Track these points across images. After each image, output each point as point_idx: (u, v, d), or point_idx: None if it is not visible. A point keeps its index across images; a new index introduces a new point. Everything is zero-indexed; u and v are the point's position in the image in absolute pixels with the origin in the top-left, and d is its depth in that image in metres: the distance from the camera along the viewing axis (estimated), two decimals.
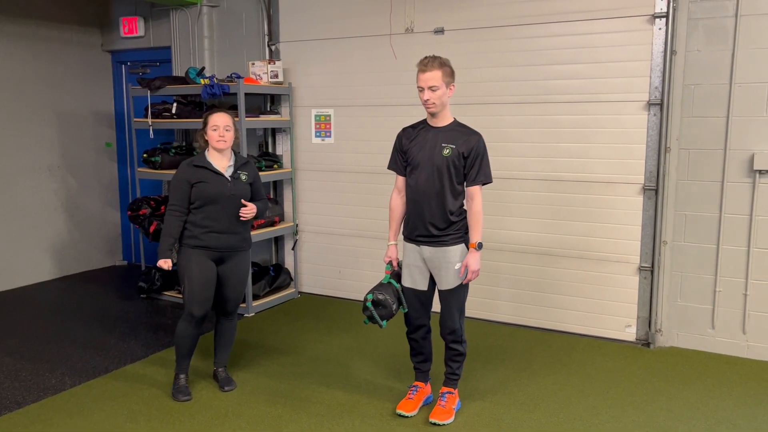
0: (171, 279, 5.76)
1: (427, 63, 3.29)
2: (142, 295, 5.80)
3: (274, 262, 5.95)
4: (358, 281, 5.61)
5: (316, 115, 5.62)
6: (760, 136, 4.12)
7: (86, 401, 3.75)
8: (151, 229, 5.45)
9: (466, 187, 3.41)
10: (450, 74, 3.33)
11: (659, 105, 4.32)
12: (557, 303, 4.81)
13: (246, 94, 5.16)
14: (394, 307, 3.49)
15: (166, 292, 5.75)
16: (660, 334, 4.50)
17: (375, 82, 5.30)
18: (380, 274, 5.46)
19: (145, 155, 5.65)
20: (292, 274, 5.85)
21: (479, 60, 4.84)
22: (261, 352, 4.47)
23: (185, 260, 3.69)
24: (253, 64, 5.45)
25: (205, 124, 3.72)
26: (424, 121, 3.49)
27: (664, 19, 4.26)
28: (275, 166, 5.59)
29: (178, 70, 6.23)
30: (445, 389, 3.58)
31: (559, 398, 3.75)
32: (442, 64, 3.30)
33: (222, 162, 3.73)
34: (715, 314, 4.39)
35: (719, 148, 4.25)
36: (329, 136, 5.59)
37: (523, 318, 4.92)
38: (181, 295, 5.55)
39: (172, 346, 4.53)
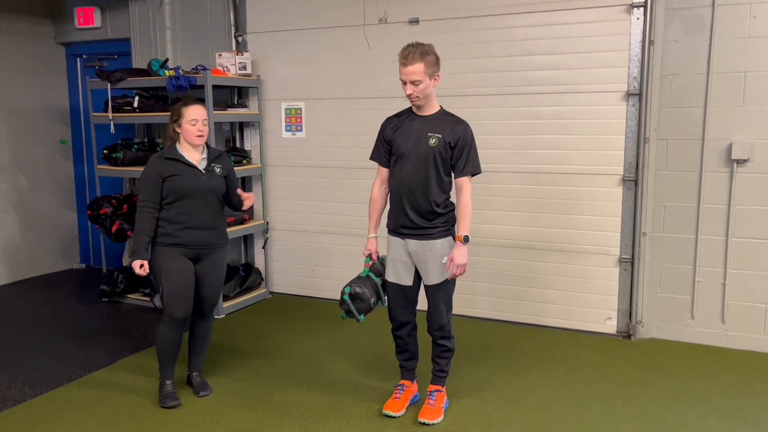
0: (135, 281, 5.48)
1: (408, 55, 3.11)
2: (103, 299, 5.52)
3: (243, 262, 5.74)
4: (332, 279, 5.44)
5: (286, 109, 5.44)
6: (738, 126, 4.13)
7: (50, 412, 3.50)
8: (114, 228, 5.18)
9: (455, 178, 3.29)
10: (434, 63, 3.16)
11: (638, 95, 4.30)
12: (537, 297, 4.74)
13: (213, 87, 4.94)
14: (373, 300, 3.37)
15: (129, 295, 5.48)
16: (641, 325, 4.48)
17: (348, 75, 5.15)
18: (356, 272, 5.34)
19: (105, 151, 5.37)
20: (263, 273, 5.65)
21: (455, 51, 4.74)
22: (235, 355, 4.27)
23: (161, 260, 3.47)
24: (220, 55, 5.23)
25: (179, 116, 3.49)
26: (409, 110, 3.34)
27: (641, 9, 4.23)
28: (244, 161, 5.39)
29: (138, 63, 5.95)
30: (433, 387, 3.47)
31: (547, 393, 3.67)
32: (424, 54, 3.12)
33: (195, 155, 3.54)
34: (695, 304, 4.39)
35: (697, 138, 4.25)
36: (300, 130, 5.41)
37: (503, 313, 4.84)
38: (147, 298, 5.33)
39: (140, 350, 4.36)
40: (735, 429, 3.25)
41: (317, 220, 5.45)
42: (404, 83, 3.17)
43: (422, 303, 3.43)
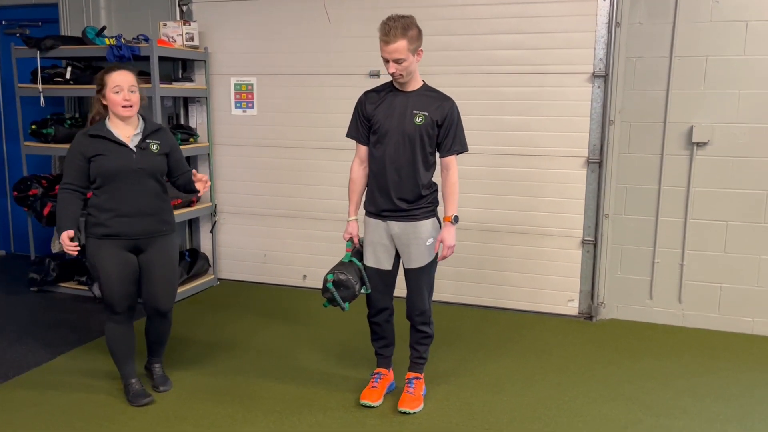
0: (69, 269, 5.05)
1: (389, 31, 2.89)
2: (32, 288, 5.05)
3: (189, 247, 5.40)
4: (286, 265, 5.23)
5: (236, 84, 5.12)
6: (699, 109, 4.20)
7: None
8: (45, 211, 4.73)
9: (441, 157, 3.13)
10: (416, 38, 2.96)
11: (603, 77, 4.30)
12: (500, 280, 4.70)
13: (159, 59, 4.57)
14: (357, 287, 3.16)
15: (63, 284, 5.04)
16: (602, 307, 4.52)
17: (304, 49, 4.89)
18: (310, 257, 5.14)
19: (33, 127, 4.89)
20: (210, 259, 5.33)
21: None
22: (190, 346, 3.99)
23: (95, 255, 3.08)
24: (165, 24, 4.85)
25: (103, 85, 3.04)
26: (390, 85, 3.14)
27: None
28: (191, 139, 5.04)
29: (66, 30, 5.45)
30: (411, 375, 3.34)
31: (522, 377, 3.62)
32: (406, 29, 2.91)
33: (126, 130, 3.09)
34: (653, 285, 4.47)
35: (659, 120, 4.30)
36: (251, 107, 5.12)
37: (467, 297, 4.77)
38: (83, 287, 4.91)
39: (82, 344, 4.01)
40: (709, 407, 3.30)
41: (269, 202, 5.19)
42: (386, 61, 2.97)
43: (399, 290, 3.28)
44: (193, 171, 3.30)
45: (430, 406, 3.27)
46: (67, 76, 4.80)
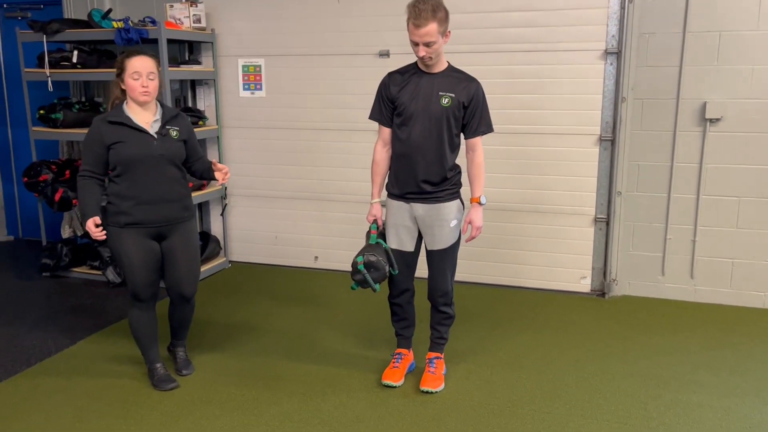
0: (81, 253, 5.06)
1: (420, 14, 2.84)
2: (44, 274, 5.06)
3: (200, 230, 5.40)
4: (297, 246, 5.24)
5: (243, 66, 5.08)
6: (712, 85, 4.20)
7: (18, 401, 3.16)
8: (57, 197, 4.73)
9: (466, 138, 3.13)
10: (444, 20, 2.91)
11: (616, 54, 4.28)
12: (513, 258, 4.72)
13: (167, 41, 4.53)
14: (387, 268, 3.17)
15: (75, 269, 5.05)
16: (615, 283, 4.55)
17: (312, 29, 4.85)
18: (321, 238, 5.15)
19: (41, 112, 4.85)
20: (221, 242, 5.34)
21: None
22: (209, 329, 4.01)
23: (117, 243, 3.05)
24: (172, 6, 4.80)
25: (122, 70, 3.00)
26: (414, 66, 3.11)
27: None
28: (200, 122, 5.01)
29: (70, 13, 5.40)
30: (432, 354, 3.37)
31: (540, 354, 3.66)
32: (436, 10, 2.86)
33: (145, 116, 3.07)
34: (665, 261, 4.50)
35: (672, 97, 4.29)
36: (260, 89, 5.09)
37: (480, 276, 4.80)
38: (97, 271, 4.93)
39: (101, 329, 4.04)
40: (725, 381, 3.35)
41: (279, 184, 5.18)
42: (416, 44, 2.93)
43: (419, 270, 3.30)
44: (213, 161, 3.29)
45: (451, 385, 3.31)
46: (74, 59, 4.75)
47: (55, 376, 3.42)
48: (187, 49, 5.15)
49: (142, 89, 3.00)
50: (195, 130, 4.75)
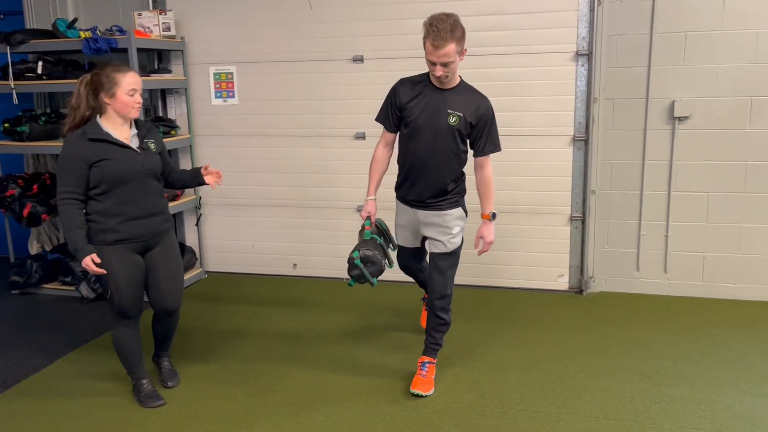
0: (51, 269, 4.92)
1: (439, 33, 2.84)
2: (14, 291, 4.91)
3: None
4: (275, 254, 5.20)
5: (215, 73, 5.02)
6: (680, 84, 4.31)
7: None
8: (25, 212, 4.60)
9: (474, 156, 3.20)
10: (462, 38, 2.93)
11: (587, 56, 4.36)
12: (491, 259, 4.73)
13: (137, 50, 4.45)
14: (384, 262, 3.21)
15: (46, 285, 4.92)
16: (592, 280, 4.64)
17: (285, 35, 4.82)
18: (299, 245, 5.12)
19: (6, 125, 4.70)
20: (197, 253, 5.27)
21: (403, 11, 4.56)
22: (192, 341, 3.95)
23: (103, 261, 2.96)
24: (140, 14, 4.71)
25: (114, 84, 2.92)
26: (427, 77, 3.12)
27: None
28: (172, 132, 4.93)
29: (31, 23, 5.25)
30: (425, 358, 3.38)
31: (525, 354, 3.71)
32: (454, 30, 2.87)
33: (124, 131, 3.00)
34: (640, 257, 4.60)
35: (641, 97, 4.39)
36: (232, 97, 5.03)
37: (459, 277, 4.76)
38: (69, 287, 4.81)
39: (79, 346, 3.94)
40: (705, 372, 3.44)
41: (255, 192, 5.14)
42: (432, 63, 2.95)
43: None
44: (206, 165, 3.27)
45: (440, 388, 3.33)
46: (39, 70, 4.63)
47: (34, 397, 3.32)
48: (156, 58, 5.07)
49: (136, 105, 2.97)
50: (166, 140, 4.74)
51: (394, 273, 3.53)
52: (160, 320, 3.29)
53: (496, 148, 3.19)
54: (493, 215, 3.24)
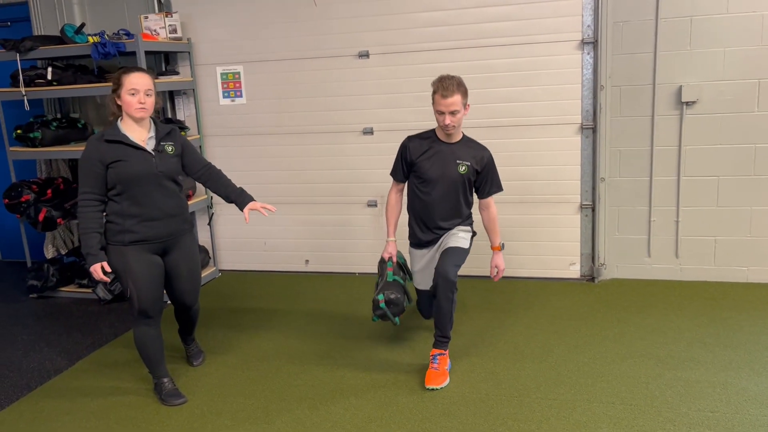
0: (68, 272, 4.99)
1: (448, 87, 3.24)
2: (32, 295, 4.98)
3: None
4: (287, 251, 5.25)
5: (222, 74, 5.05)
6: (686, 69, 4.31)
7: (22, 428, 3.11)
8: (40, 217, 4.66)
9: (480, 198, 3.55)
10: (466, 94, 3.32)
11: (592, 43, 4.37)
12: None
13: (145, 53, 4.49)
14: (405, 302, 3.56)
15: (63, 289, 4.98)
16: (603, 267, 4.65)
17: (290, 33, 4.85)
18: (310, 241, 5.16)
19: (19, 131, 4.77)
20: (210, 251, 5.32)
21: (407, 5, 4.58)
22: (210, 339, 4.00)
23: (121, 262, 3.04)
24: (147, 17, 4.75)
25: (119, 86, 3.01)
26: (433, 134, 3.48)
27: None
28: (183, 133, 4.96)
29: (39, 29, 5.30)
30: (435, 351, 3.41)
31: (539, 342, 3.74)
32: (460, 85, 3.29)
33: (141, 133, 3.08)
34: (651, 243, 4.61)
35: (648, 83, 4.39)
36: (240, 96, 5.07)
37: (471, 269, 4.80)
38: (86, 290, 4.87)
39: (99, 347, 4.00)
40: (719, 356, 3.46)
41: (266, 190, 5.16)
42: (441, 113, 3.28)
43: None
44: (257, 203, 3.35)
45: (456, 379, 3.36)
46: (49, 76, 4.68)
47: (58, 398, 3.38)
48: (163, 60, 5.11)
49: (139, 105, 3.00)
50: None
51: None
52: (181, 314, 3.44)
53: (500, 188, 3.58)
54: (502, 245, 3.66)
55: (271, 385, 3.40)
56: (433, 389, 3.27)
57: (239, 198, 3.36)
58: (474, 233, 3.58)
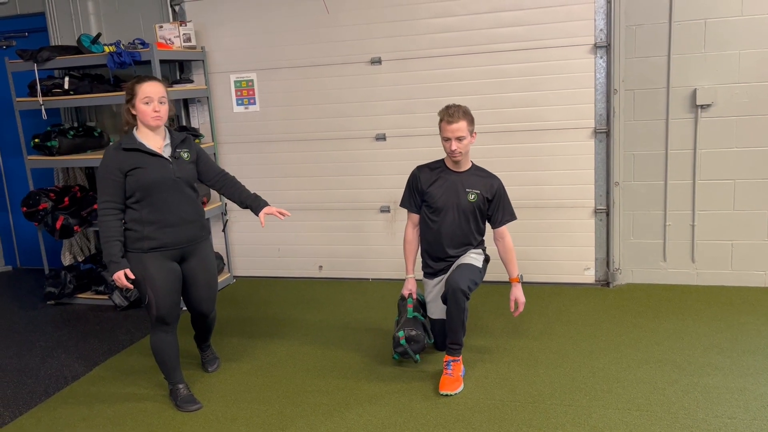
0: (85, 279, 5.04)
1: (453, 113, 3.29)
2: (49, 302, 5.04)
3: None
4: (301, 257, 5.26)
5: (235, 81, 5.10)
6: (701, 72, 4.28)
7: None
8: (58, 225, 4.71)
9: (494, 228, 3.54)
10: (472, 122, 3.35)
11: (605, 47, 4.35)
12: (516, 254, 4.75)
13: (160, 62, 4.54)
14: (426, 340, 3.58)
15: (80, 295, 5.03)
16: (619, 272, 4.62)
17: (303, 41, 4.88)
18: (324, 247, 5.18)
19: (36, 140, 4.83)
20: (225, 258, 5.35)
21: (419, 11, 4.60)
22: (225, 345, 4.01)
23: (139, 269, 3.06)
24: (161, 27, 4.80)
25: (133, 95, 3.05)
26: (442, 163, 3.52)
27: None
28: (196, 140, 5.00)
29: (56, 40, 5.38)
30: (449, 358, 3.41)
31: (554, 348, 3.72)
32: (466, 113, 3.33)
33: (156, 141, 3.12)
34: (666, 247, 4.58)
35: (662, 86, 4.37)
36: (253, 103, 5.10)
37: (486, 274, 4.83)
38: (102, 296, 4.92)
39: (115, 353, 4.04)
40: (737, 361, 3.42)
41: (279, 196, 5.18)
42: (447, 140, 3.32)
43: None
44: (267, 207, 3.40)
45: (471, 385, 3.35)
46: (66, 86, 4.74)
47: (75, 405, 3.41)
48: (178, 69, 5.16)
49: (153, 114, 3.04)
50: None
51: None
52: (197, 321, 3.46)
53: (513, 216, 3.56)
54: (521, 277, 3.57)
55: (286, 391, 3.41)
56: (447, 395, 3.26)
57: (254, 203, 3.39)
58: (487, 257, 3.58)
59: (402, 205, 3.63)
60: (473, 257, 3.49)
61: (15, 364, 3.98)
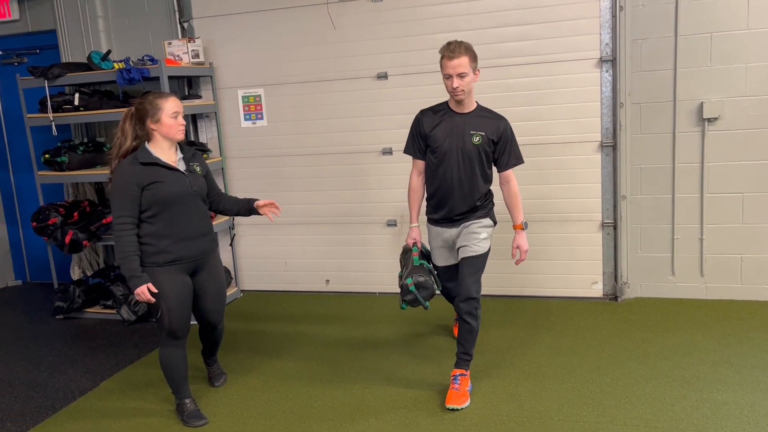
0: (93, 293, 5.07)
1: (454, 49, 3.14)
2: (58, 316, 5.06)
3: None
4: (308, 271, 5.27)
5: (243, 97, 5.14)
6: (707, 85, 4.27)
7: None
8: (67, 239, 4.74)
9: (500, 172, 3.39)
10: (475, 59, 3.20)
11: (611, 61, 4.36)
12: (523, 268, 4.72)
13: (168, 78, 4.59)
14: (434, 286, 3.44)
15: (88, 310, 5.06)
16: (627, 286, 4.60)
17: (309, 56, 4.92)
18: (331, 261, 5.18)
19: (46, 156, 4.88)
20: (232, 272, 5.37)
21: (424, 26, 4.63)
22: (232, 360, 4.02)
23: (154, 283, 3.07)
24: (170, 43, 4.85)
25: (158, 110, 3.06)
26: (446, 105, 3.35)
27: None
28: (204, 155, 5.03)
29: (67, 57, 5.45)
30: (457, 371, 3.39)
31: (561, 363, 3.69)
32: (468, 49, 3.17)
33: (170, 155, 3.15)
34: (675, 261, 4.55)
35: (669, 100, 4.36)
36: (261, 119, 5.14)
37: (492, 288, 4.81)
38: (110, 311, 4.94)
39: (123, 368, 4.05)
40: (747, 377, 3.39)
41: (286, 211, 5.15)
42: (449, 77, 3.17)
43: None
44: (258, 202, 3.40)
45: (477, 400, 3.33)
46: (76, 102, 4.79)
47: (82, 419, 3.42)
48: (186, 84, 5.21)
49: (180, 127, 3.12)
50: None
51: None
52: (205, 332, 3.49)
53: (519, 160, 3.39)
54: (525, 224, 3.41)
55: (292, 406, 3.41)
56: (453, 409, 3.25)
57: (248, 204, 3.44)
58: (493, 222, 3.42)
59: (406, 151, 3.46)
60: (482, 239, 3.32)
61: (23, 378, 4.00)
